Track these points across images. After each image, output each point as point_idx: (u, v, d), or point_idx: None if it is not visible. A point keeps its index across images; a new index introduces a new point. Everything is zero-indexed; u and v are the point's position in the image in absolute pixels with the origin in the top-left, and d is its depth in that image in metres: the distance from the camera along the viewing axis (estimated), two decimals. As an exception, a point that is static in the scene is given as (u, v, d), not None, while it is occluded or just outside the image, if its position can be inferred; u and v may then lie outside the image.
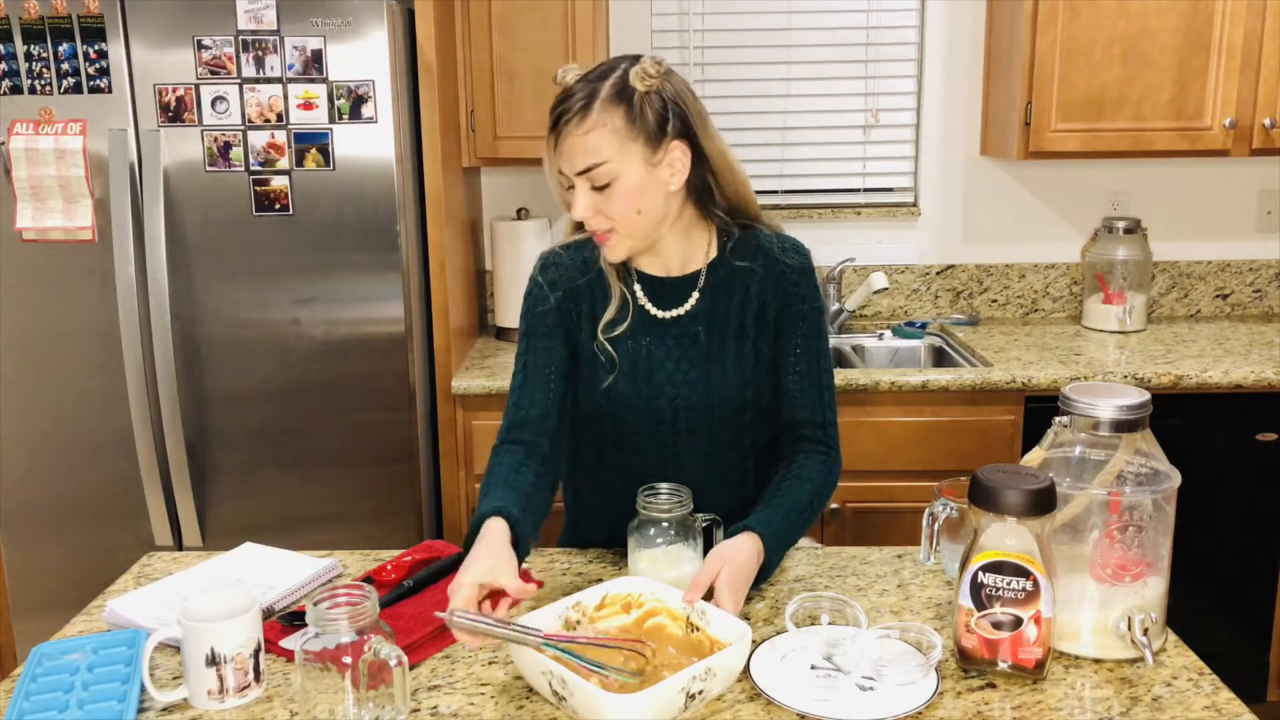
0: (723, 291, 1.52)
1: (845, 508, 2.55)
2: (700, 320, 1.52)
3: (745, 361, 1.52)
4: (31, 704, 1.15)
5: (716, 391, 1.51)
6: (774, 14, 3.04)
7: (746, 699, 1.17)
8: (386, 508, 2.51)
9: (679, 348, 1.52)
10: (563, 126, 1.39)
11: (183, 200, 2.36)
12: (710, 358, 1.51)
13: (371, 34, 2.29)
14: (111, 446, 2.44)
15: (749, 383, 1.52)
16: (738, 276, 1.52)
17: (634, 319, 1.52)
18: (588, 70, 1.42)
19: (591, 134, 1.37)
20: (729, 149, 1.49)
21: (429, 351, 2.59)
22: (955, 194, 3.12)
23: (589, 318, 1.54)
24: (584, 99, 1.38)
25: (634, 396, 1.51)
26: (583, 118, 1.37)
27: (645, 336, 1.52)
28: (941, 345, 2.96)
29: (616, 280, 1.52)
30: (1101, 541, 1.24)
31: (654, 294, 1.54)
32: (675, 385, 1.51)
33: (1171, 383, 2.49)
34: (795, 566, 1.52)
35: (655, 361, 1.52)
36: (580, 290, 1.54)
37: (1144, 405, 1.25)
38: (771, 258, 1.53)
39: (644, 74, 1.39)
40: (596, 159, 1.38)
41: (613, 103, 1.38)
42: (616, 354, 1.52)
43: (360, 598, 1.12)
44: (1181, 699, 1.17)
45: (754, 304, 1.52)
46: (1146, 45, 2.66)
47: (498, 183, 3.12)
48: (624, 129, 1.38)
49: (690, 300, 1.52)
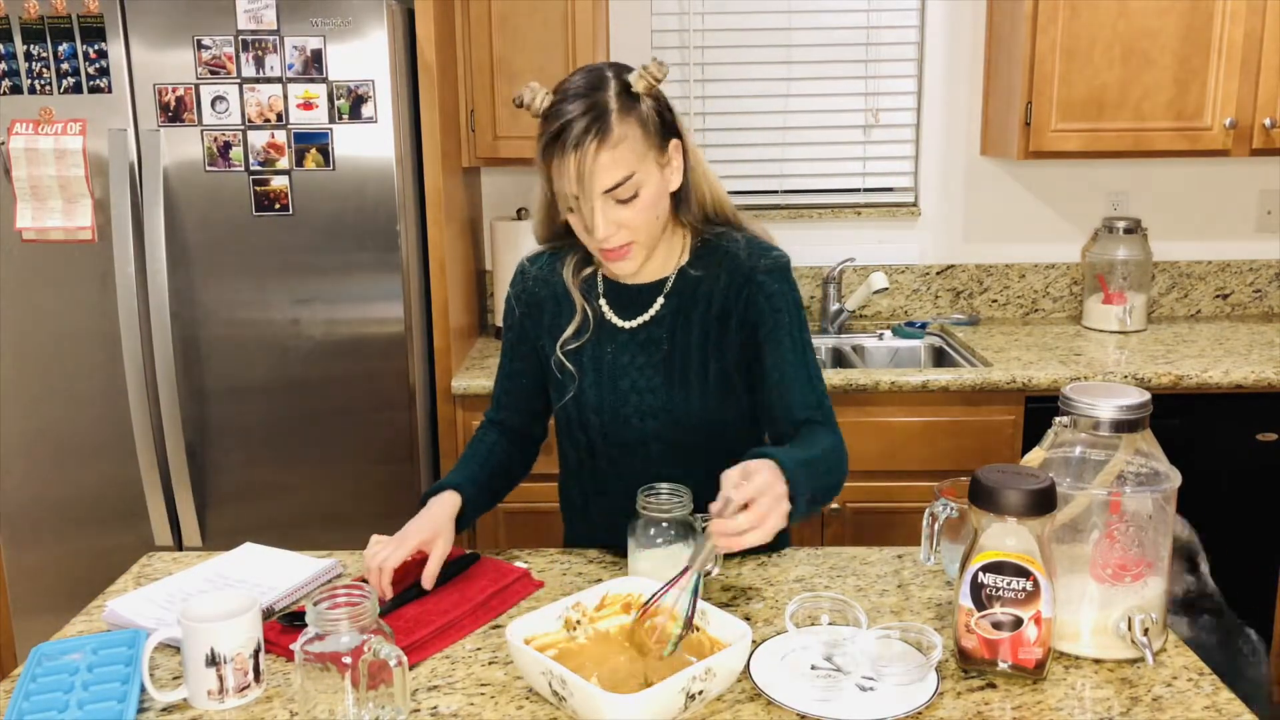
0: (688, 298, 1.50)
1: (845, 508, 2.55)
2: (664, 326, 1.50)
3: (709, 369, 1.49)
4: (31, 704, 1.15)
5: (680, 398, 1.49)
6: (774, 14, 3.04)
7: (746, 699, 1.17)
8: (386, 508, 2.50)
9: (643, 354, 1.51)
10: (574, 149, 1.32)
11: (183, 200, 2.36)
12: (673, 365, 1.49)
13: (371, 34, 2.29)
14: (111, 446, 2.44)
15: (712, 390, 1.49)
16: (702, 284, 1.49)
17: (596, 328, 1.52)
18: (564, 86, 1.37)
19: (618, 149, 1.34)
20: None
21: (429, 351, 2.59)
22: (955, 194, 3.12)
23: (550, 329, 1.55)
24: (593, 115, 1.33)
25: (599, 404, 1.52)
26: (604, 135, 1.32)
27: (609, 344, 1.52)
28: (941, 345, 2.96)
29: (579, 295, 1.52)
30: (1101, 541, 1.24)
31: (618, 302, 1.53)
32: (640, 392, 1.50)
33: (1172, 383, 2.49)
34: (795, 566, 1.52)
35: (619, 368, 1.51)
36: (543, 301, 1.56)
37: (1144, 405, 1.25)
38: (737, 263, 1.49)
39: (650, 75, 1.36)
40: (625, 172, 1.35)
41: (626, 113, 1.35)
42: (581, 362, 1.53)
43: (360, 598, 1.12)
44: (1181, 699, 1.17)
45: (715, 311, 1.49)
46: (1146, 45, 2.66)
47: (498, 183, 3.12)
48: (642, 137, 1.36)
49: (654, 307, 1.51)
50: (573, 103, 1.34)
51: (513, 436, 1.65)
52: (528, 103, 1.36)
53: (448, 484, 1.50)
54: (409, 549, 1.39)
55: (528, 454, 1.68)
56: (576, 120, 1.32)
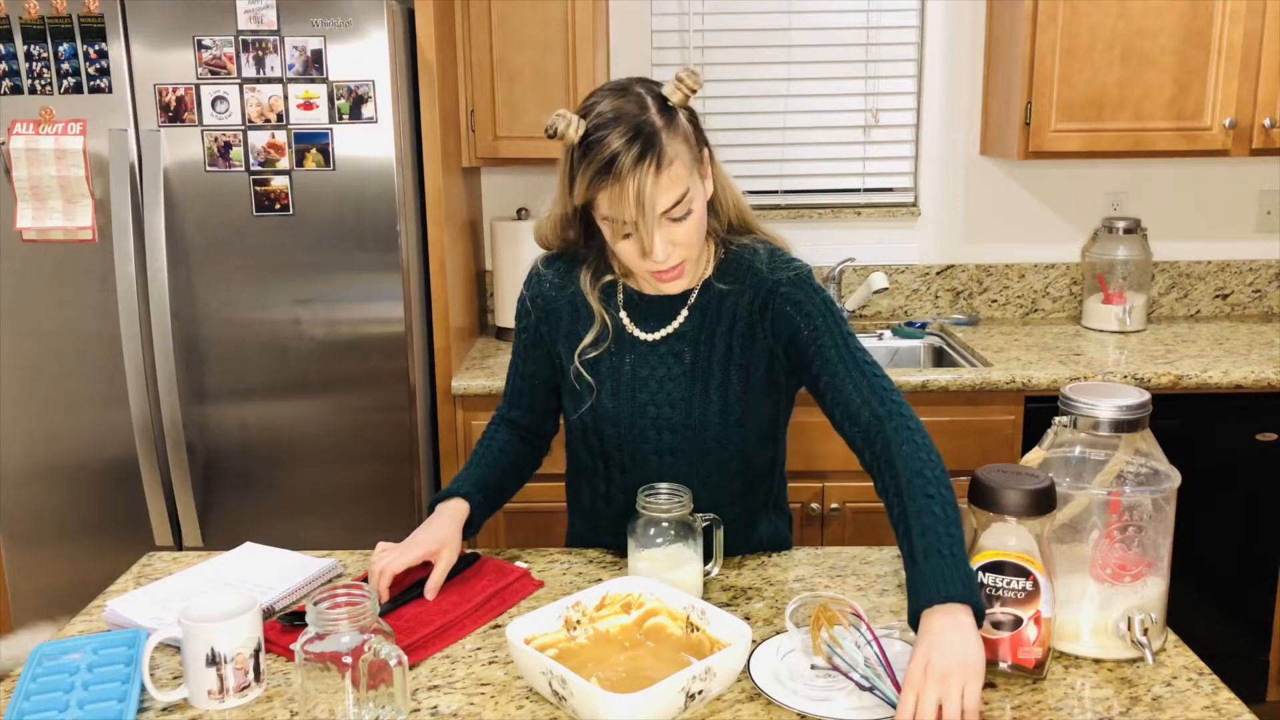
0: (712, 312, 1.47)
1: (845, 507, 2.55)
2: (686, 341, 1.48)
3: (730, 388, 1.47)
4: (31, 704, 1.15)
5: (699, 414, 1.47)
6: (774, 14, 3.04)
7: (746, 699, 1.17)
8: (386, 508, 2.50)
9: (663, 367, 1.48)
10: (631, 177, 1.28)
11: (183, 200, 2.36)
12: (695, 380, 1.47)
13: (371, 34, 2.29)
14: (111, 446, 2.45)
15: (733, 405, 1.47)
16: (727, 299, 1.47)
17: (616, 339, 1.49)
18: (598, 110, 1.32)
19: (671, 169, 1.30)
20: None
21: (429, 351, 2.59)
22: (955, 194, 3.12)
23: (566, 337, 1.52)
24: (644, 139, 1.28)
25: (616, 415, 1.49)
26: (659, 157, 1.29)
27: (629, 355, 1.49)
28: (941, 345, 2.96)
29: (599, 305, 1.48)
30: (1101, 541, 1.24)
31: (638, 313, 1.50)
32: (659, 406, 1.48)
33: (1171, 383, 2.49)
34: (795, 566, 1.52)
35: (639, 381, 1.48)
36: (560, 308, 1.53)
37: (1144, 405, 1.25)
38: (760, 277, 1.45)
39: (685, 87, 1.34)
40: (680, 191, 1.32)
41: (672, 130, 1.32)
42: (599, 372, 1.50)
43: (360, 598, 1.12)
44: (1181, 699, 1.17)
45: (741, 326, 1.46)
46: (1146, 45, 2.67)
47: (498, 183, 3.12)
48: (687, 152, 1.34)
49: (677, 320, 1.48)
50: (617, 128, 1.30)
51: (524, 435, 1.64)
52: (562, 132, 1.31)
53: (456, 490, 1.50)
54: (413, 558, 1.40)
55: (539, 451, 1.67)
56: (628, 147, 1.28)
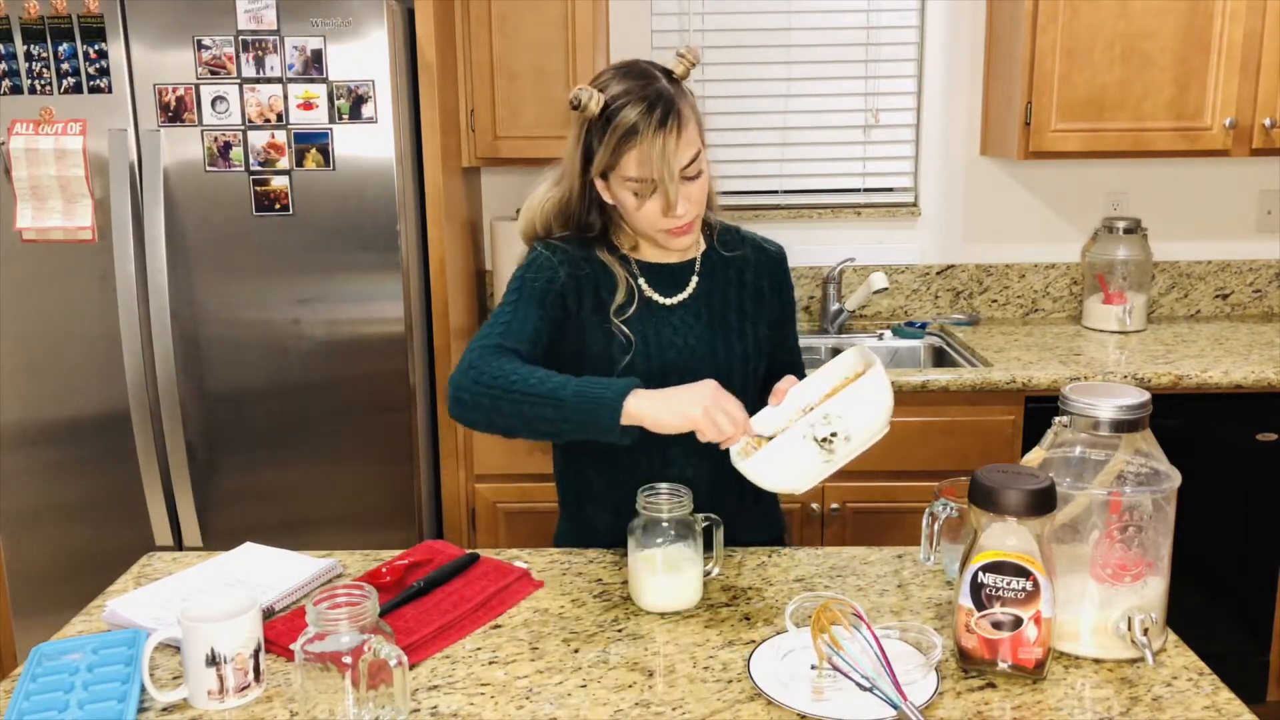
0: (718, 277, 1.62)
1: (845, 507, 2.55)
2: (702, 303, 1.61)
3: (747, 339, 1.62)
4: (31, 704, 1.15)
5: (724, 362, 1.59)
6: (774, 14, 3.04)
7: (746, 699, 1.17)
8: (386, 508, 2.51)
9: (684, 326, 1.59)
10: (656, 135, 1.41)
11: (183, 200, 2.36)
12: (715, 335, 1.60)
13: (371, 34, 2.29)
14: (111, 446, 2.45)
15: (750, 357, 1.62)
16: (731, 264, 1.63)
17: (640, 304, 1.58)
18: (612, 84, 1.45)
19: (688, 129, 1.45)
20: None
21: (429, 351, 2.59)
22: (955, 194, 3.12)
23: (594, 302, 1.57)
24: (664, 102, 1.42)
25: (648, 375, 1.53)
26: (680, 117, 1.43)
27: (651, 319, 1.58)
28: (941, 345, 2.96)
29: (620, 268, 1.58)
30: (1101, 541, 1.24)
31: (655, 280, 1.60)
32: (686, 361, 1.57)
33: (1171, 383, 2.49)
34: (795, 566, 1.52)
35: (664, 341, 1.58)
36: (585, 278, 1.57)
37: (1144, 405, 1.25)
38: (758, 245, 1.67)
39: (687, 61, 1.47)
40: (694, 149, 1.46)
41: (683, 96, 1.47)
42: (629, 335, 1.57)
43: (360, 598, 1.12)
44: (1181, 699, 1.17)
45: (750, 288, 1.63)
46: (1146, 45, 2.67)
47: (498, 183, 3.12)
48: (694, 117, 1.48)
49: (690, 285, 1.61)
50: (637, 95, 1.43)
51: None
52: (585, 103, 1.44)
53: (627, 385, 1.36)
54: (743, 418, 1.35)
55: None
56: (650, 110, 1.42)
